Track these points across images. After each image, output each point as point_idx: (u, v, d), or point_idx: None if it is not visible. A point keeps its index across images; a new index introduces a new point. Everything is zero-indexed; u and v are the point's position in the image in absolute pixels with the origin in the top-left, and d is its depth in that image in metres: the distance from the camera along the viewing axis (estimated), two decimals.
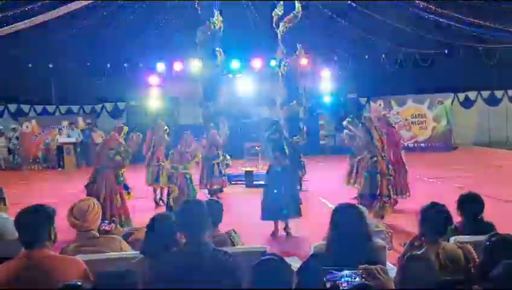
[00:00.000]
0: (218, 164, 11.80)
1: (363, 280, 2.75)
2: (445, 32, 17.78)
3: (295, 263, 4.25)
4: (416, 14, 16.88)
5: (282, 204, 8.11)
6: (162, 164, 11.04)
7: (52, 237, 3.25)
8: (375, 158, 8.61)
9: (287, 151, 8.32)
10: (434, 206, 3.69)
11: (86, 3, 12.28)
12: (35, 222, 3.21)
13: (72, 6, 12.23)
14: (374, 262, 3.18)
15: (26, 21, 11.96)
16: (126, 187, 8.81)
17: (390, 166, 8.80)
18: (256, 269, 2.71)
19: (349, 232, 3.32)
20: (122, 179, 8.50)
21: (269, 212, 8.21)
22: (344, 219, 3.40)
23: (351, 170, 11.04)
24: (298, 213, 8.28)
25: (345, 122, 11.01)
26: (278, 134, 8.43)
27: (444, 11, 15.82)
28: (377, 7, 17.61)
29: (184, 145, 9.43)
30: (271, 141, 8.38)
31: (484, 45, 19.04)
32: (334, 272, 2.76)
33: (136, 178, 11.23)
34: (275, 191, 8.19)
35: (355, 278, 2.74)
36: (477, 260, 3.44)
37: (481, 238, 3.56)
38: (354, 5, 17.05)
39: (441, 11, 15.89)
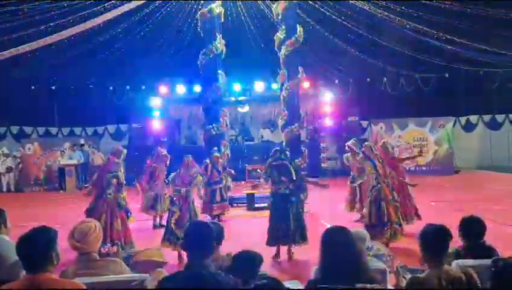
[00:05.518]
0: (220, 189, 11.57)
1: None
2: (447, 56, 17.91)
3: (296, 286, 4.22)
4: (418, 38, 17.02)
5: (288, 230, 8.04)
6: (161, 192, 11.03)
7: (55, 260, 3.19)
8: (378, 185, 8.55)
9: (294, 175, 8.24)
10: (432, 227, 3.67)
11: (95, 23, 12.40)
12: (37, 245, 3.16)
13: (76, 29, 12.35)
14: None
15: (29, 44, 12.07)
16: (126, 211, 8.78)
17: (394, 192, 8.71)
18: None
19: (339, 255, 3.27)
20: (123, 203, 8.49)
21: (274, 237, 8.14)
22: (333, 241, 3.36)
23: (352, 196, 11.00)
24: (305, 239, 8.18)
25: (350, 143, 10.99)
26: (281, 160, 8.36)
27: (446, 36, 15.95)
28: (379, 31, 17.77)
29: (185, 169, 9.27)
30: (274, 167, 8.32)
31: (485, 69, 19.14)
32: None
33: (136, 202, 11.24)
34: (281, 215, 8.11)
35: None
36: (479, 285, 3.41)
37: (483, 262, 3.53)
38: (356, 28, 17.21)
39: (442, 35, 16.02)
